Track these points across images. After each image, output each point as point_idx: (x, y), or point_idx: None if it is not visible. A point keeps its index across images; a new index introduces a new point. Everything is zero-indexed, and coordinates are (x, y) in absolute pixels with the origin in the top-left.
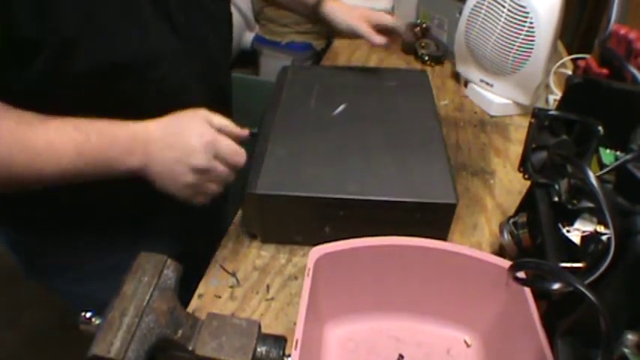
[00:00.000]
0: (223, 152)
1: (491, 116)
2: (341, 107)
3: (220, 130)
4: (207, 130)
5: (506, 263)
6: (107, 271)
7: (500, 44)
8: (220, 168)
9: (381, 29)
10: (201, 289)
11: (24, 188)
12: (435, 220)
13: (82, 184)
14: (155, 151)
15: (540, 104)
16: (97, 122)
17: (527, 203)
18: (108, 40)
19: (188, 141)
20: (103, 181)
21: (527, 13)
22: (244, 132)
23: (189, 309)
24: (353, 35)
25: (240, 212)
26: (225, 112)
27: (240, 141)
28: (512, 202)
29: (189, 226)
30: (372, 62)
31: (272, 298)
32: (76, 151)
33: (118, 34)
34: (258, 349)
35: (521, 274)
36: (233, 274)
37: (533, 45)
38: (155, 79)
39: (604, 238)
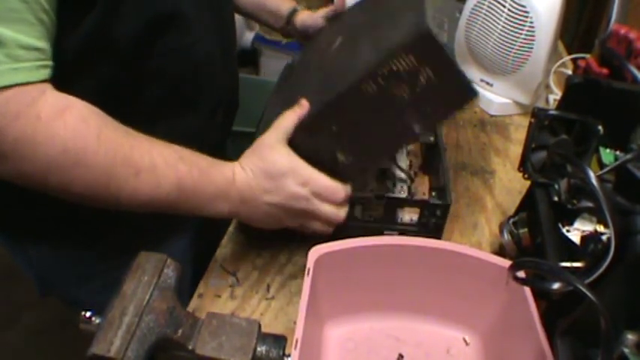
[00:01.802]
0: (320, 191)
1: (492, 116)
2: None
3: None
4: (304, 171)
5: (506, 263)
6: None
7: (501, 44)
8: (322, 207)
9: None
10: (201, 288)
11: (112, 204)
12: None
13: None
14: (251, 198)
15: (540, 104)
16: (199, 157)
17: (527, 203)
18: None
19: (287, 186)
20: None
21: (528, 12)
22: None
23: (189, 308)
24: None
25: None
26: (235, 97)
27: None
28: (512, 202)
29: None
30: None
31: (272, 298)
32: (177, 182)
33: None
34: (258, 349)
35: (521, 274)
36: (233, 274)
37: (533, 45)
38: (187, 45)
39: (604, 237)
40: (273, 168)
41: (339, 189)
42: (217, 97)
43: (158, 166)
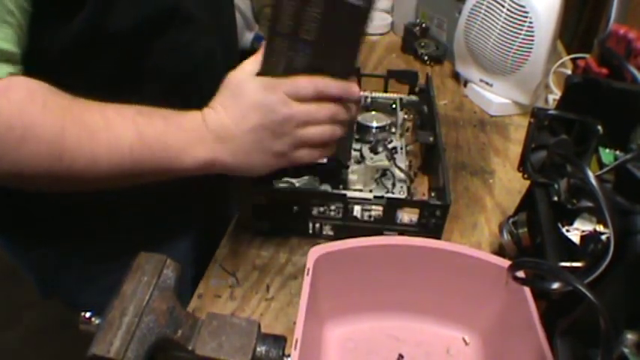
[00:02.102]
0: (300, 90)
1: (491, 116)
2: None
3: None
4: (275, 81)
5: (506, 263)
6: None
7: (500, 44)
8: (322, 110)
9: None
10: (200, 288)
11: (72, 181)
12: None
13: (105, 192)
14: (228, 133)
15: (540, 104)
16: (159, 109)
17: (527, 203)
18: None
19: (261, 100)
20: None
21: (527, 12)
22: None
23: (189, 309)
24: None
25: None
26: None
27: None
28: (511, 202)
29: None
30: (372, 62)
31: (272, 298)
32: (137, 135)
33: None
34: (258, 349)
35: (520, 274)
36: (233, 274)
37: (532, 45)
38: (186, 43)
39: (603, 237)
40: (245, 93)
41: (328, 82)
42: None
43: (113, 122)
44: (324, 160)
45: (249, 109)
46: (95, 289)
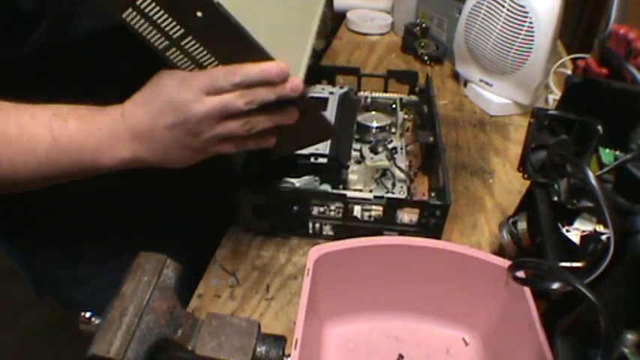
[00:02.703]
0: (214, 82)
1: (491, 116)
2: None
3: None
4: (185, 76)
5: (506, 263)
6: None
7: (500, 44)
8: (240, 100)
9: None
10: (200, 288)
11: None
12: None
13: (82, 183)
14: (145, 129)
15: (540, 104)
16: (79, 108)
17: (527, 203)
18: None
19: (173, 95)
20: (102, 179)
21: (527, 13)
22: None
23: (189, 309)
24: None
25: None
26: None
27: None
28: (511, 202)
29: (195, 227)
30: (372, 62)
31: (272, 298)
32: (52, 139)
33: None
34: (258, 349)
35: (520, 274)
36: (233, 274)
37: (532, 45)
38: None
39: (603, 237)
40: (162, 89)
41: (244, 69)
42: None
43: (28, 128)
44: (324, 160)
45: (164, 106)
46: (87, 290)
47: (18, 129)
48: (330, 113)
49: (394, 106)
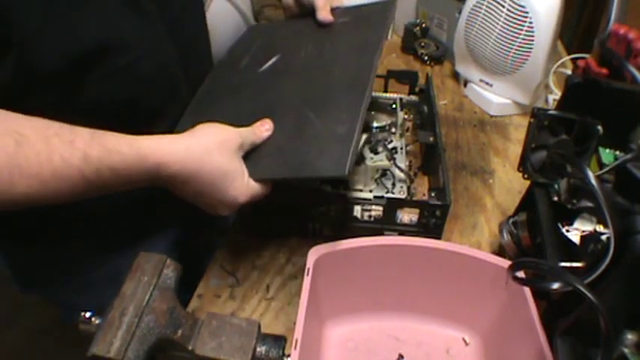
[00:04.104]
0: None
1: (491, 116)
2: (270, 62)
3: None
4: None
5: (506, 263)
6: (106, 280)
7: (500, 44)
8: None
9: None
10: (200, 288)
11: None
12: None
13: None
14: (188, 198)
15: (540, 104)
16: (109, 154)
17: (527, 203)
18: (70, 29)
19: (227, 196)
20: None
21: (527, 12)
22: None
23: (189, 309)
24: (310, 8)
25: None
26: None
27: None
28: (511, 202)
29: (189, 227)
30: None
31: (272, 298)
32: (86, 183)
33: (80, 22)
34: (258, 349)
35: (520, 274)
36: (232, 274)
37: (532, 45)
38: (125, 66)
39: (603, 237)
40: (214, 179)
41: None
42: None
43: (61, 175)
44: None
45: (213, 196)
46: (69, 288)
47: (51, 174)
48: None
49: (394, 106)
